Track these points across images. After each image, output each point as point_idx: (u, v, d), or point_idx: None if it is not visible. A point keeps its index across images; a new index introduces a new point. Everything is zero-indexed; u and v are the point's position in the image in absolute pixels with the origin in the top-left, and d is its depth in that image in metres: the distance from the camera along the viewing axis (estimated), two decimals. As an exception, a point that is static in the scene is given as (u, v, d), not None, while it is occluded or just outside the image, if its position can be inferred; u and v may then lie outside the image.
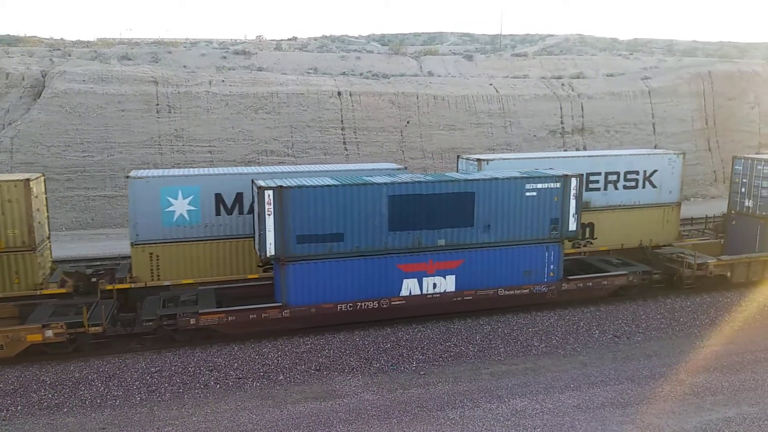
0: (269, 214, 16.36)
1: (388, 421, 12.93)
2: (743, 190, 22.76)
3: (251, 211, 18.10)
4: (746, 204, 22.68)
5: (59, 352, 16.01)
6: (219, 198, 18.78)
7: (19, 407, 13.77)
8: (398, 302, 17.81)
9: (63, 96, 32.87)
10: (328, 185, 16.89)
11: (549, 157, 23.17)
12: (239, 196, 18.90)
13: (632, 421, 12.92)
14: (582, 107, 41.41)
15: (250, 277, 19.26)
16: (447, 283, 18.15)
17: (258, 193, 16.46)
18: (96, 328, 15.93)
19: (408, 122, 37.86)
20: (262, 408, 13.62)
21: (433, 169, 36.89)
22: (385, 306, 17.70)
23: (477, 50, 56.40)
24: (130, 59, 41.61)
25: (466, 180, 18.00)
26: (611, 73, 47.34)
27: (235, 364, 15.71)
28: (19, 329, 15.77)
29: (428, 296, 18.02)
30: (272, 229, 16.47)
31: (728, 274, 21.03)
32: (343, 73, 42.71)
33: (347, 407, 13.59)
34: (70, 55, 40.94)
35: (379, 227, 17.29)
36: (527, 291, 18.67)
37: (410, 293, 17.87)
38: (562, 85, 42.93)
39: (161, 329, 16.57)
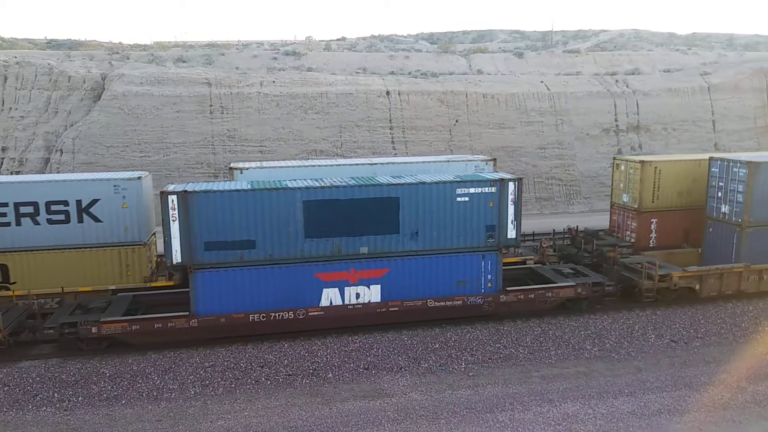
0: (174, 220, 15.84)
1: (437, 422, 12.86)
2: (719, 194, 20.70)
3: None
4: (722, 210, 20.71)
5: None
6: None
7: (80, 398, 14.33)
8: (316, 313, 16.99)
9: (121, 98, 34.04)
10: (236, 189, 16.27)
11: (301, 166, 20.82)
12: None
13: (689, 430, 12.47)
14: (637, 104, 40.21)
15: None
16: (372, 294, 17.28)
17: (161, 197, 15.79)
18: None
19: (457, 121, 37.59)
20: (312, 405, 13.77)
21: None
22: (301, 317, 16.88)
23: (527, 47, 55.46)
24: (184, 62, 42.72)
25: (389, 184, 17.00)
26: (668, 69, 45.82)
27: (285, 361, 15.92)
28: None
29: (350, 307, 17.18)
30: (177, 236, 15.90)
31: (696, 287, 19.31)
32: (392, 73, 42.75)
33: (395, 406, 13.59)
34: (128, 59, 42.32)
35: (294, 234, 16.49)
36: (460, 302, 17.60)
37: (331, 303, 17.05)
38: (617, 81, 41.80)
39: (63, 337, 16.31)
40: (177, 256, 16.02)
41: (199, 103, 34.92)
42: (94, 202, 18.16)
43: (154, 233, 19.90)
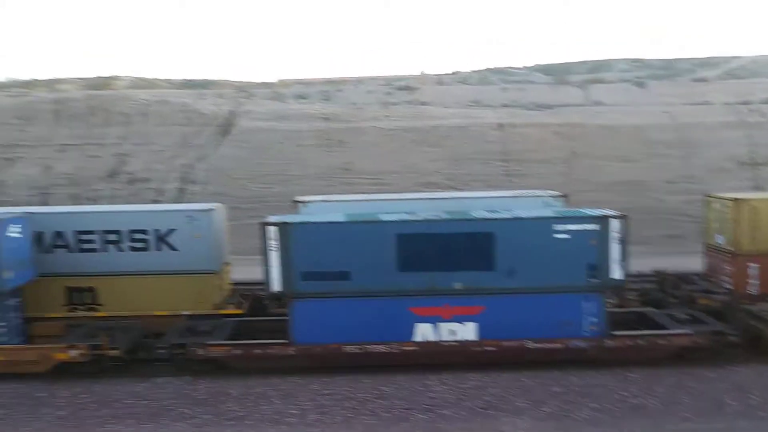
0: (273, 250, 16.16)
1: (561, 471, 12.23)
2: None
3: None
4: None
5: (88, 371, 17.03)
6: None
7: (209, 416, 15.05)
8: (411, 348, 16.59)
9: (248, 133, 36.34)
10: (332, 222, 16.36)
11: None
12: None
13: None
14: (776, 135, 37.15)
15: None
16: (467, 331, 16.63)
17: (261, 228, 16.23)
18: (115, 351, 16.97)
19: (574, 154, 36.53)
20: (429, 442, 13.58)
21: (606, 203, 35.07)
22: (396, 351, 16.54)
23: (649, 76, 53.14)
24: (304, 98, 44.95)
25: (484, 219, 16.45)
26: (811, 97, 42.04)
27: (401, 394, 15.88)
28: (48, 348, 17.26)
29: (445, 344, 16.61)
30: (277, 265, 16.19)
31: None
32: (505, 105, 42.46)
33: (516, 451, 13.10)
34: (254, 96, 45.19)
35: (388, 267, 16.29)
36: (561, 345, 16.46)
37: (424, 339, 16.61)
38: (751, 111, 38.90)
39: (174, 357, 16.99)
40: (276, 285, 16.53)
41: (317, 137, 36.50)
42: (171, 231, 19.10)
43: (227, 262, 20.71)
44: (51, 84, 57.78)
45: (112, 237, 19.28)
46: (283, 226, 16.39)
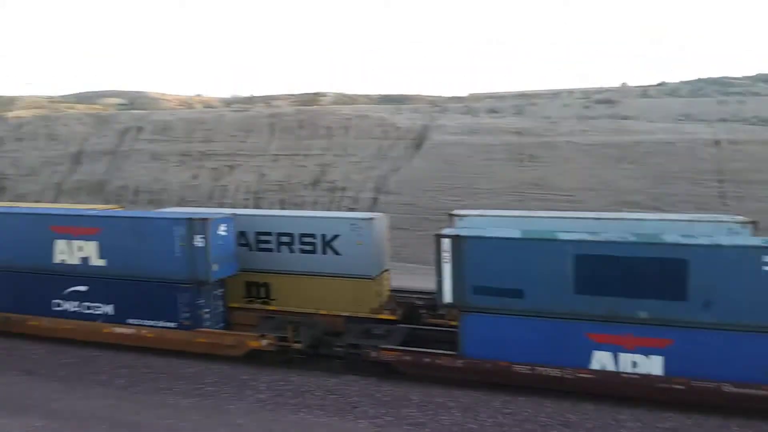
0: (446, 262, 16.05)
1: None
2: None
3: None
4: None
5: (275, 360, 18.78)
6: None
7: (391, 418, 15.48)
8: (586, 375, 15.29)
9: (439, 147, 37.05)
10: (507, 237, 15.73)
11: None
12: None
13: None
14: None
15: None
16: (651, 364, 14.86)
17: (436, 240, 16.17)
18: (298, 344, 18.54)
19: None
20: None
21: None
22: (569, 377, 15.35)
23: None
24: (496, 112, 44.71)
25: (677, 244, 14.45)
26: None
27: (589, 425, 14.88)
28: (244, 335, 19.27)
29: (625, 376, 14.97)
30: (449, 278, 16.09)
31: None
32: (722, 120, 38.14)
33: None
34: (446, 111, 46.05)
35: (564, 288, 15.17)
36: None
37: (602, 367, 15.16)
38: None
39: (348, 356, 17.83)
40: (447, 297, 16.51)
41: (508, 151, 36.01)
42: (335, 237, 20.03)
43: (386, 270, 20.98)
44: (267, 100, 64.58)
45: (286, 239, 20.80)
46: (457, 239, 16.38)
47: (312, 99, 59.61)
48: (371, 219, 20.26)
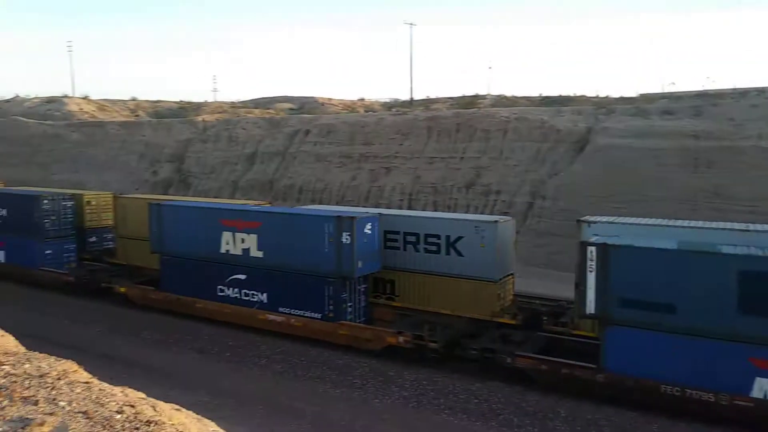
0: (591, 271, 15.11)
1: None
2: None
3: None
4: None
5: (411, 357, 19.03)
6: None
7: (536, 429, 14.88)
8: (746, 403, 13.60)
9: (603, 150, 34.91)
10: (660, 248, 14.41)
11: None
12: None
13: None
14: None
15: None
16: None
17: (581, 248, 15.62)
18: (433, 344, 18.60)
19: None
20: None
21: None
22: (725, 403, 13.74)
23: None
24: (671, 113, 41.10)
25: None
26: None
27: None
28: (382, 331, 19.93)
29: None
30: (593, 287, 15.11)
31: None
32: None
33: None
34: (613, 112, 43.30)
35: (725, 307, 13.60)
36: None
37: (765, 396, 13.50)
38: None
39: (483, 360, 17.94)
40: (591, 307, 15.69)
41: (682, 156, 32.96)
42: (459, 238, 20.23)
43: (510, 274, 20.86)
44: (426, 104, 65.47)
45: (411, 239, 21.43)
46: (603, 248, 15.52)
47: (471, 102, 59.38)
48: (495, 222, 20.30)
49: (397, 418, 16.02)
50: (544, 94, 61.17)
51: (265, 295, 22.42)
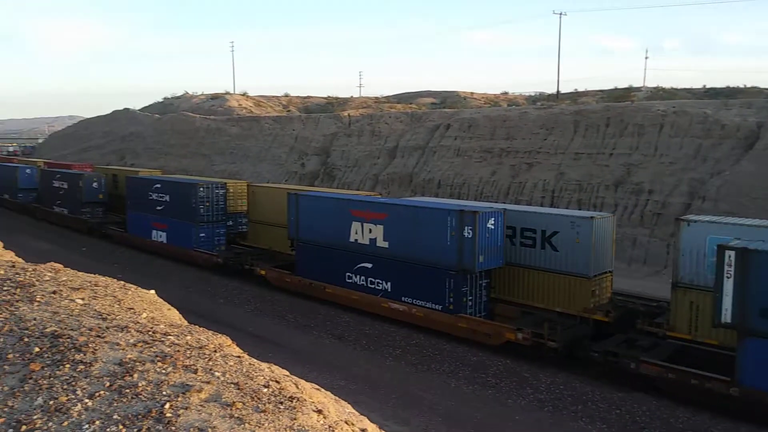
0: (728, 277, 14.17)
1: None
2: None
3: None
4: None
5: (529, 354, 18.86)
6: None
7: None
8: None
9: (777, 147, 31.22)
10: None
11: None
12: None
13: None
14: None
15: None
16: None
17: (717, 251, 14.47)
18: (552, 343, 17.97)
19: None
20: None
21: None
22: None
23: None
24: None
25: None
26: None
27: None
28: (501, 326, 19.78)
29: None
30: (730, 294, 14.18)
31: None
32: None
33: None
34: (791, 105, 38.57)
35: None
36: None
37: None
38: None
39: (606, 363, 17.19)
40: (726, 316, 14.37)
41: None
42: (554, 233, 20.02)
43: (608, 271, 20.24)
44: (574, 97, 62.69)
45: (508, 232, 21.17)
46: (743, 253, 14.15)
47: (623, 95, 55.93)
48: (591, 218, 19.93)
49: (531, 421, 15.58)
50: (708, 86, 56.03)
51: (389, 284, 23.05)
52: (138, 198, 36.44)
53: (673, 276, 17.53)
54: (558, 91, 67.43)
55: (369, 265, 23.66)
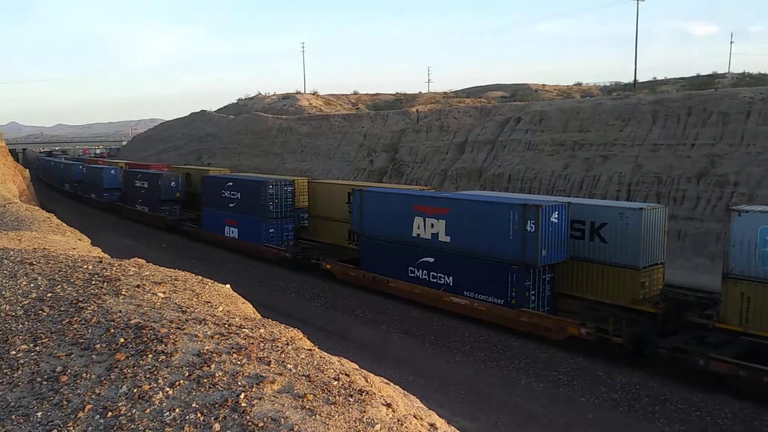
0: None
1: None
2: None
3: None
4: None
5: (593, 350, 18.42)
6: None
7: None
8: None
9: None
10: None
11: None
12: None
13: None
14: None
15: None
16: None
17: None
18: (617, 338, 17.55)
19: None
20: None
21: None
22: None
23: None
24: None
25: None
26: None
27: None
28: (564, 321, 19.47)
29: None
30: None
31: None
32: None
33: None
34: None
35: None
36: None
37: None
38: None
39: (673, 360, 16.63)
40: None
41: None
42: (603, 225, 19.72)
43: (659, 263, 20.08)
44: (652, 86, 60.08)
45: None
46: None
47: (706, 82, 53.12)
48: (640, 209, 19.68)
49: (605, 421, 15.13)
50: (801, 70, 52.30)
51: (451, 278, 23.02)
52: (212, 196, 37.91)
53: (723, 267, 16.99)
54: (635, 80, 64.76)
55: (431, 260, 23.75)
